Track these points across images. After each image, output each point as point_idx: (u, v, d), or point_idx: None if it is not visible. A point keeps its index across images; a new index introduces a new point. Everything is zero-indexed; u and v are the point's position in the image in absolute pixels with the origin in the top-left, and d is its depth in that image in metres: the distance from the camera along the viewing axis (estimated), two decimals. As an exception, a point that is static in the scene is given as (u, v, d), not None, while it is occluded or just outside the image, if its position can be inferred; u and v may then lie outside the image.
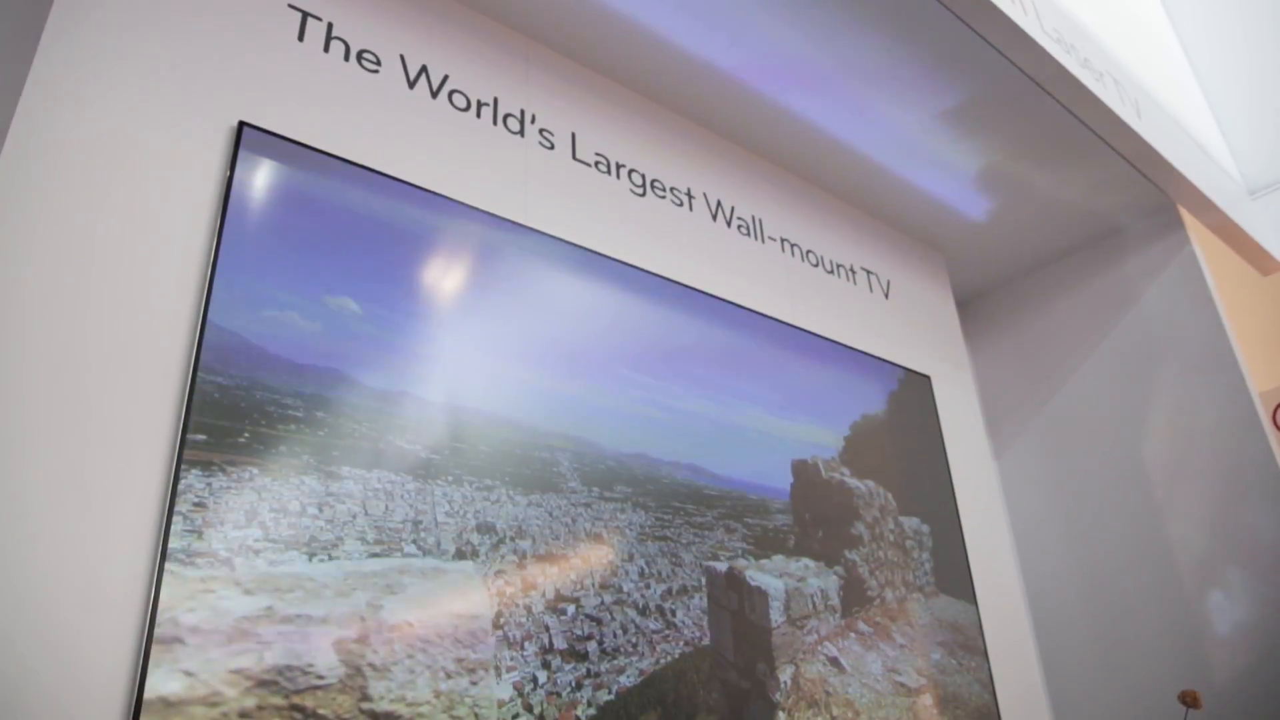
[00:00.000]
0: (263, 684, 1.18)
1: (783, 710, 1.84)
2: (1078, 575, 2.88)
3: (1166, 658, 2.62)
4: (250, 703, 1.16)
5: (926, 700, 2.18)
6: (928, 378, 2.77)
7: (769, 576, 1.96)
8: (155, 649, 1.12)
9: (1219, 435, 2.65)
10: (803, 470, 2.21)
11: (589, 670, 1.55)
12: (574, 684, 1.52)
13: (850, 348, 2.52)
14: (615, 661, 1.60)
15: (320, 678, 1.22)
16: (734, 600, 1.88)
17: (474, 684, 1.37)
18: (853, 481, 2.32)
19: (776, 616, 1.92)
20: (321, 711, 1.21)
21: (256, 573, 1.24)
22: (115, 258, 1.29)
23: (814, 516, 2.17)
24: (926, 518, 2.49)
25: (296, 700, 1.20)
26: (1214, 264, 2.94)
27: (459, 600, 1.43)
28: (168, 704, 1.11)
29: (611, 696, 1.56)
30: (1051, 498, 3.01)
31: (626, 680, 1.60)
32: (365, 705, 1.25)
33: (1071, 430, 3.01)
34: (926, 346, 2.88)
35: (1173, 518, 2.71)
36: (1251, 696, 2.44)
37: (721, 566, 1.89)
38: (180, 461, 1.24)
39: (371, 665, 1.28)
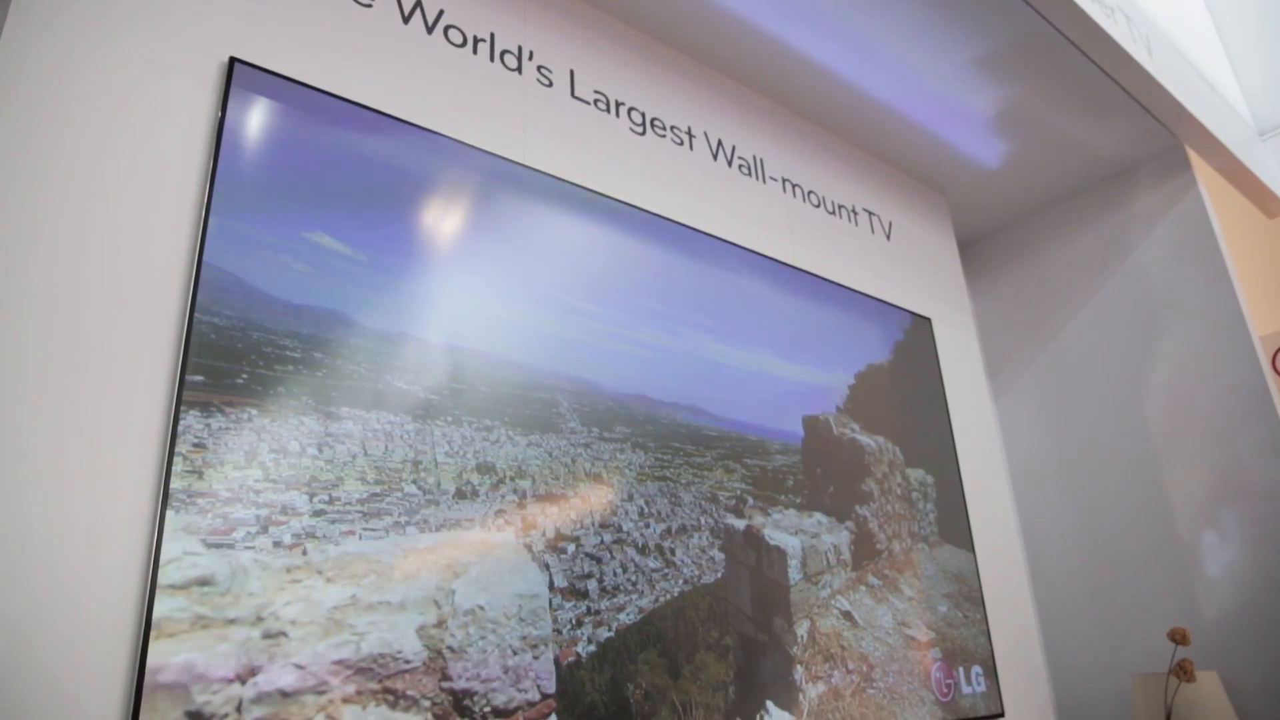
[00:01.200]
0: (360, 671, 1.26)
1: (800, 664, 1.89)
2: (1073, 517, 2.91)
3: (1158, 597, 2.66)
4: (351, 689, 1.24)
5: (936, 654, 2.22)
6: (928, 320, 2.76)
7: (786, 535, 1.99)
8: (265, 644, 1.19)
9: (1218, 379, 2.66)
10: (814, 426, 2.22)
11: (589, 608, 1.57)
12: (574, 621, 1.54)
13: (851, 289, 2.51)
14: (615, 599, 1.62)
15: (408, 661, 1.31)
16: (752, 557, 1.91)
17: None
18: (864, 439, 2.33)
19: (794, 575, 1.95)
20: (410, 692, 1.30)
21: (328, 556, 1.29)
22: (108, 196, 1.28)
23: (825, 472, 2.18)
24: (931, 468, 2.51)
25: (388, 684, 1.28)
26: (1220, 207, 2.91)
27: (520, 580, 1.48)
28: (284, 695, 1.19)
29: (611, 634, 1.59)
30: (1050, 441, 3.03)
31: (626, 618, 1.62)
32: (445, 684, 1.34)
33: (1071, 374, 3.01)
34: (927, 289, 2.86)
35: (1169, 460, 2.72)
36: (1237, 634, 2.48)
37: (740, 524, 1.92)
38: (179, 402, 1.24)
39: (450, 648, 1.36)
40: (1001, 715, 2.35)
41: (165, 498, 1.18)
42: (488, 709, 1.38)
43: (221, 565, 1.20)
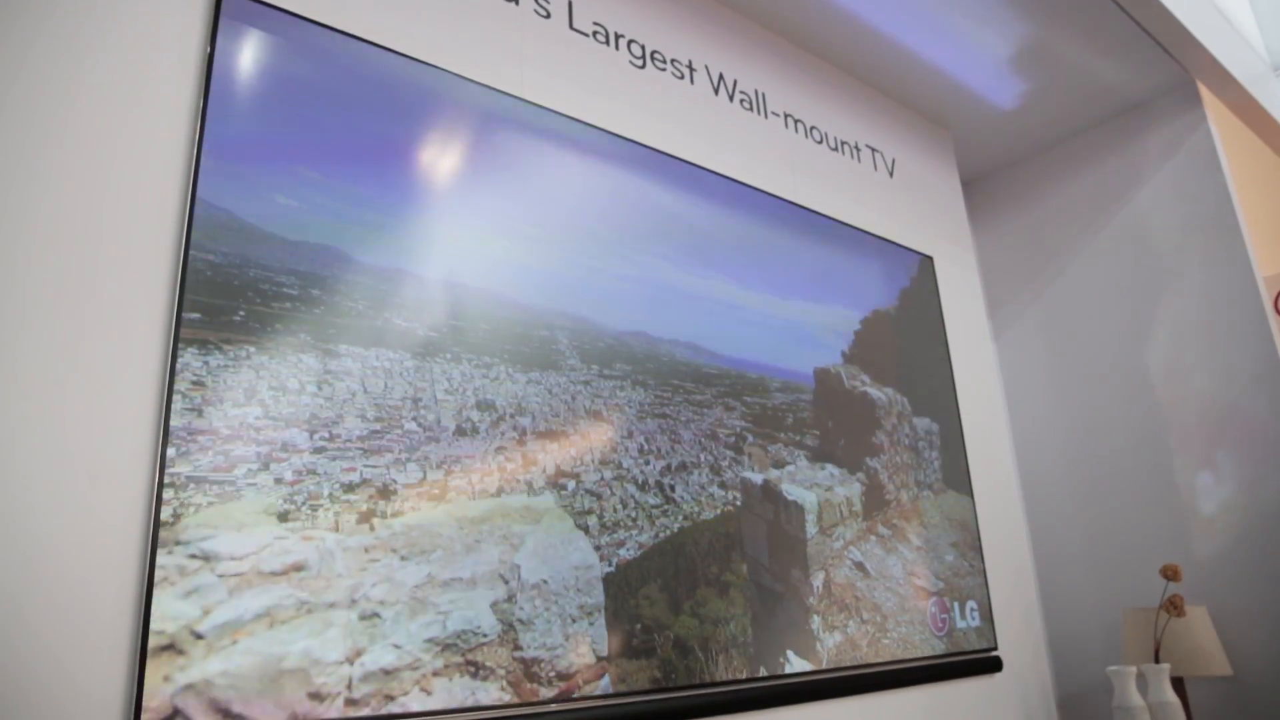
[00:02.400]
0: (447, 647, 1.35)
1: (816, 614, 1.93)
2: (1070, 456, 2.93)
3: (1151, 535, 2.69)
4: (440, 663, 1.32)
5: (945, 603, 2.25)
6: (930, 258, 2.74)
7: (802, 489, 2.01)
8: (363, 624, 1.27)
9: (1220, 320, 2.65)
10: (825, 378, 2.22)
11: (591, 544, 1.59)
12: (574, 556, 1.56)
13: (852, 226, 2.48)
14: (615, 535, 1.63)
15: (485, 635, 1.40)
16: (769, 511, 1.93)
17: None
18: (874, 392, 2.34)
19: (810, 529, 1.98)
20: (488, 664, 1.39)
21: (393, 531, 1.34)
22: (98, 132, 1.25)
23: (837, 424, 2.19)
24: (934, 413, 2.51)
25: (470, 656, 1.37)
26: (1229, 146, 2.87)
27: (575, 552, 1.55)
28: (386, 673, 1.27)
29: (611, 569, 1.61)
30: (1049, 380, 3.03)
31: (626, 553, 1.64)
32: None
33: (1072, 313, 3.00)
34: (930, 227, 2.84)
35: (1168, 400, 2.73)
36: (1227, 570, 2.52)
37: (757, 479, 1.93)
38: (177, 340, 1.23)
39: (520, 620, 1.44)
40: (994, 649, 2.40)
41: (165, 435, 1.18)
42: (553, 674, 1.45)
43: (309, 550, 1.25)
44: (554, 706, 1.45)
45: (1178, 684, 2.37)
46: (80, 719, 1.06)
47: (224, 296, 1.29)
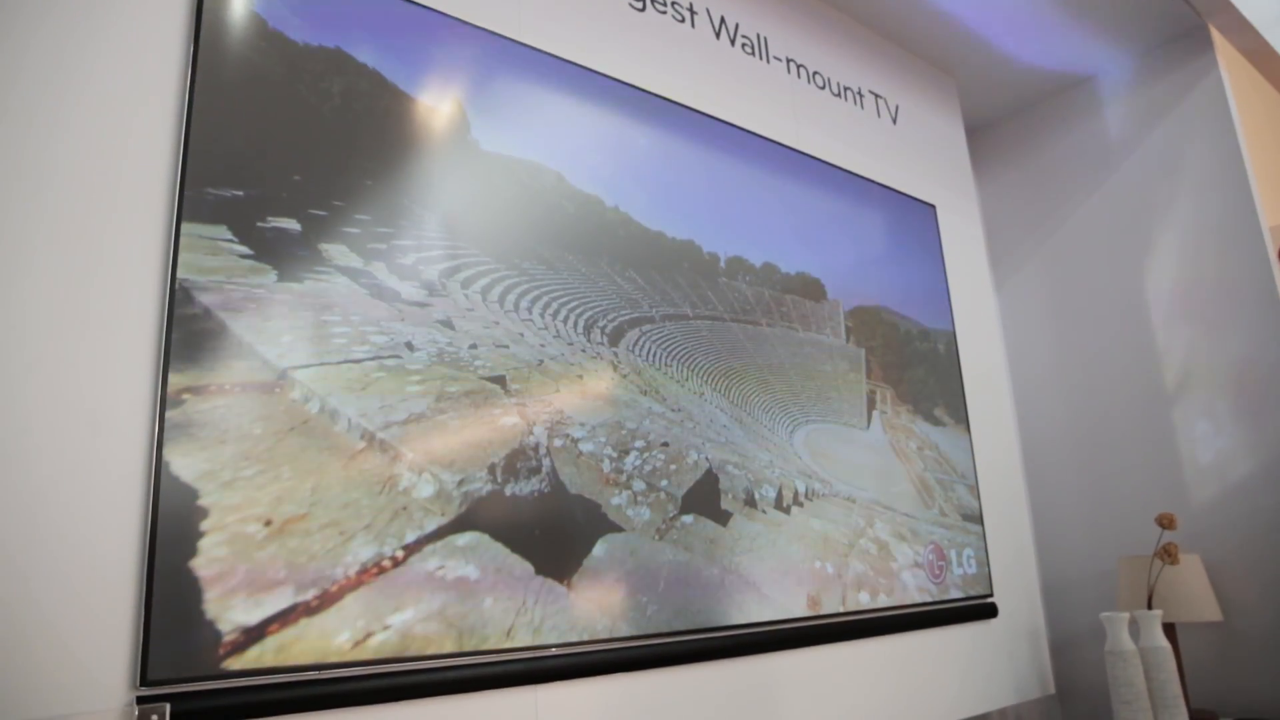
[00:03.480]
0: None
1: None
2: (1070, 405, 2.93)
3: (1148, 484, 2.70)
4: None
5: (942, 550, 2.27)
6: (933, 207, 2.72)
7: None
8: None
9: (1224, 270, 2.63)
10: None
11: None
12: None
13: (854, 174, 2.45)
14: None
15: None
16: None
17: (476, 503, 1.41)
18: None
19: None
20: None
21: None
22: (88, 66, 1.22)
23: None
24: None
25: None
26: (1240, 92, 2.82)
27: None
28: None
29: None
30: (1050, 329, 3.02)
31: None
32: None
33: (1075, 262, 2.98)
34: (933, 175, 2.80)
35: (1168, 350, 2.72)
36: (1222, 519, 2.54)
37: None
38: (174, 280, 1.22)
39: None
40: (990, 595, 2.43)
41: (165, 373, 1.18)
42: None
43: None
44: (554, 651, 1.47)
45: (1169, 629, 2.41)
46: (85, 667, 1.07)
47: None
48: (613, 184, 1.84)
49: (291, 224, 1.36)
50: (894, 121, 2.72)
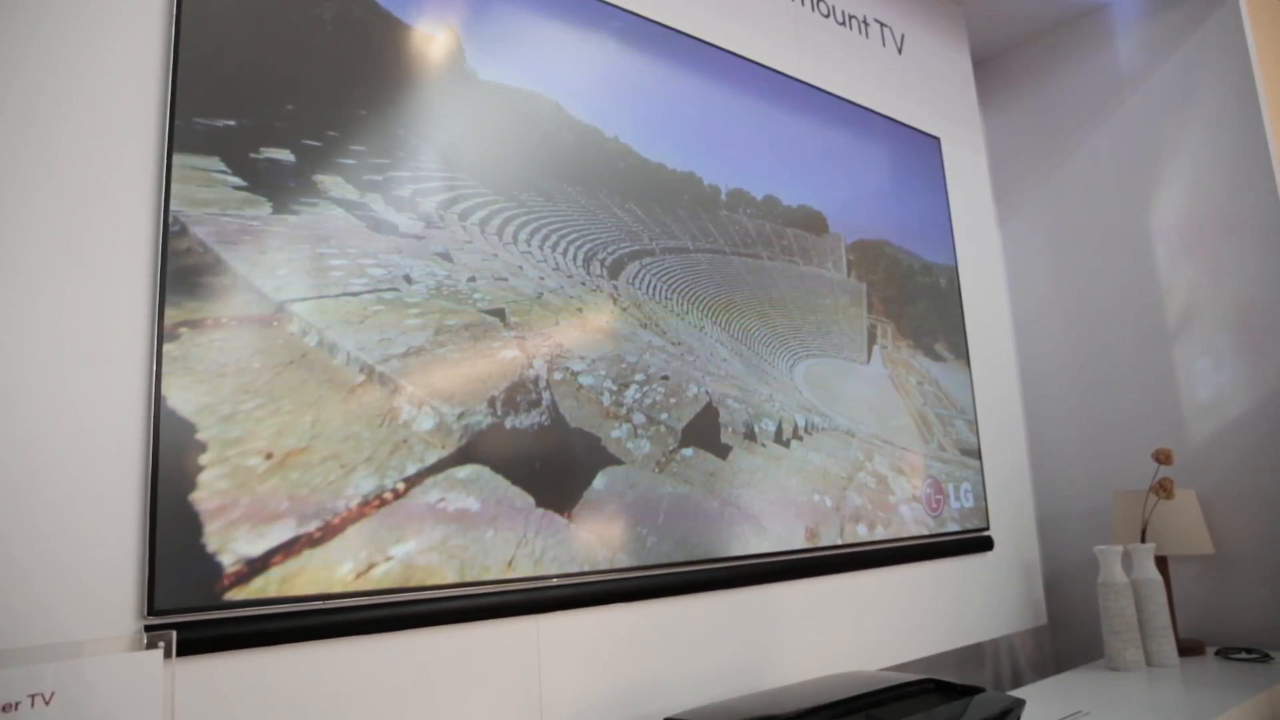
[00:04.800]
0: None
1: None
2: (1070, 341, 2.93)
3: (1146, 420, 2.71)
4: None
5: (939, 484, 2.28)
6: (937, 139, 2.67)
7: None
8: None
9: (1232, 208, 2.60)
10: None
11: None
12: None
13: (858, 105, 2.41)
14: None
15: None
16: None
17: (476, 437, 1.42)
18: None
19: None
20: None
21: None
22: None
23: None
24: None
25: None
26: (1257, 22, 2.75)
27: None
28: None
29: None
30: (1052, 264, 3.00)
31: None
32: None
33: (1080, 197, 2.94)
34: (939, 107, 2.75)
35: (1172, 286, 2.71)
36: (1218, 455, 2.55)
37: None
38: (167, 212, 1.20)
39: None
40: (986, 529, 2.45)
41: (161, 315, 1.17)
42: (491, 520, 1.44)
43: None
44: (555, 581, 1.49)
45: (1160, 562, 2.44)
46: (94, 598, 1.08)
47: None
48: (612, 114, 1.80)
49: (285, 155, 1.34)
50: (899, 51, 2.66)
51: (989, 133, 3.17)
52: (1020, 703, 1.47)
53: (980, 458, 2.50)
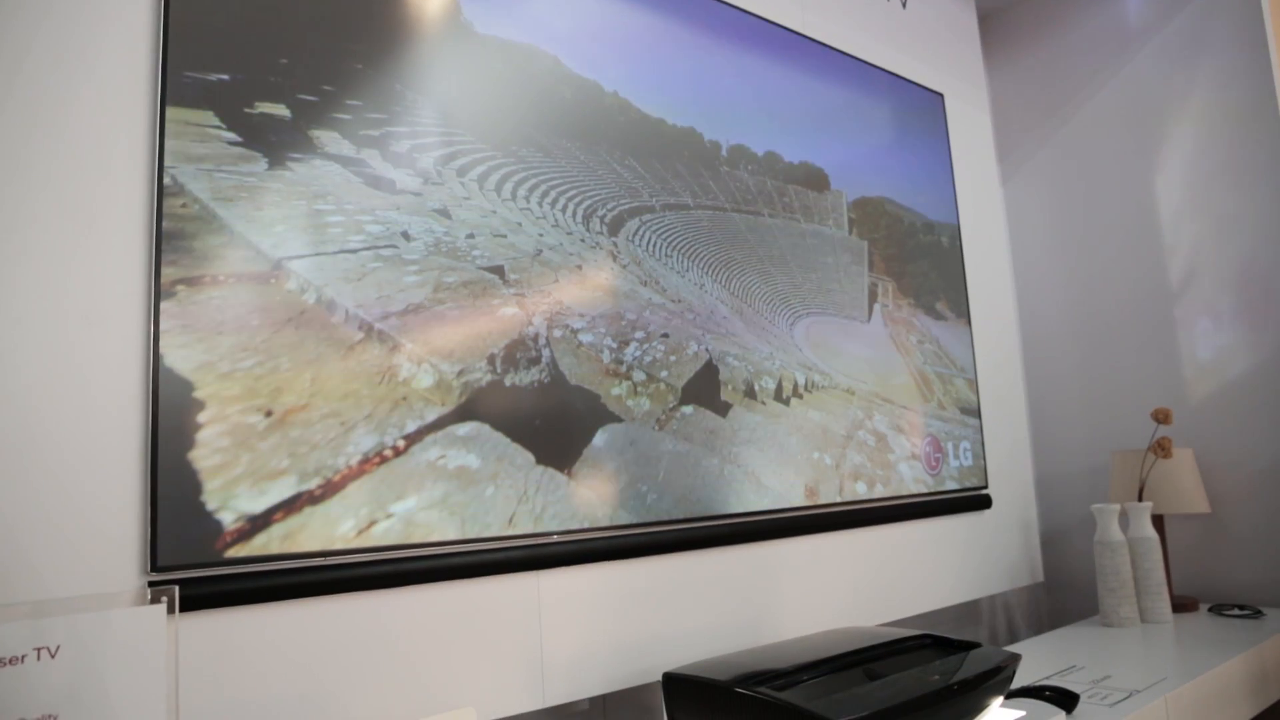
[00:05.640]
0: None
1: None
2: (1072, 300, 2.92)
3: (1146, 380, 2.71)
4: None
5: (938, 442, 2.28)
6: (941, 96, 2.64)
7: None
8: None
9: (1237, 164, 2.57)
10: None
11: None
12: (573, 396, 1.57)
13: (861, 60, 2.37)
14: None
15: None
16: None
17: (476, 395, 1.42)
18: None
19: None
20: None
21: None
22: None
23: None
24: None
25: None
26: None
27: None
28: None
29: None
30: (1055, 222, 2.98)
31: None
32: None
33: (1085, 154, 2.91)
34: (942, 63, 2.71)
35: (1175, 245, 2.69)
36: (1217, 415, 2.55)
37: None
38: (161, 168, 1.19)
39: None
40: (985, 487, 2.46)
41: (158, 272, 1.16)
42: (491, 477, 1.44)
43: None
44: (555, 538, 1.50)
45: (1157, 521, 2.46)
46: (97, 556, 1.08)
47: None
48: (611, 69, 1.78)
49: (280, 109, 1.32)
50: (904, 6, 2.61)
51: (993, 89, 3.13)
52: (1016, 657, 1.48)
53: (980, 416, 2.51)
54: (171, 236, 1.18)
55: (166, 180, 1.19)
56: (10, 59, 1.11)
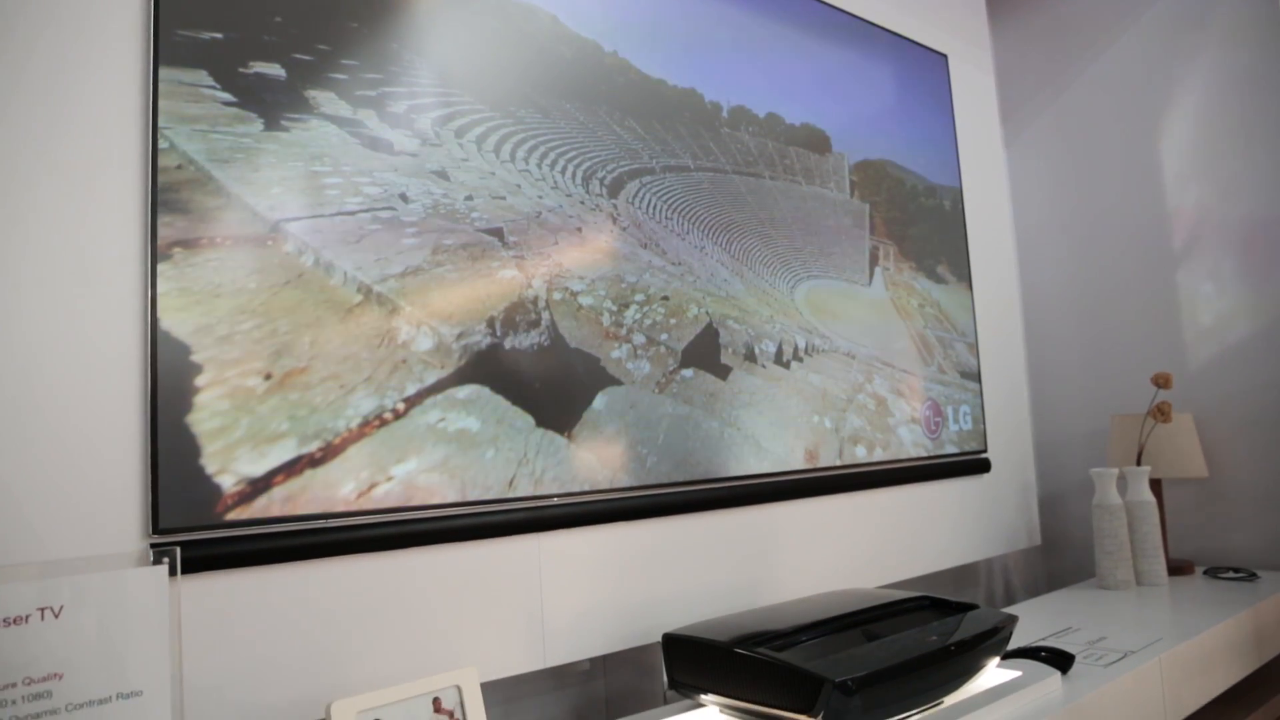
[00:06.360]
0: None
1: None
2: (1074, 265, 2.90)
3: (1147, 345, 2.70)
4: None
5: (938, 406, 2.28)
6: (944, 57, 2.61)
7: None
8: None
9: (1244, 127, 2.54)
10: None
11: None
12: (573, 359, 1.56)
13: (864, 20, 2.34)
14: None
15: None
16: None
17: (476, 358, 1.41)
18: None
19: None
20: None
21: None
22: None
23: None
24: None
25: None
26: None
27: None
28: None
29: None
30: (1058, 185, 2.95)
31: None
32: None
33: (1090, 116, 2.88)
34: (946, 23, 2.68)
35: (1179, 209, 2.67)
36: (1217, 380, 2.55)
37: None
38: (155, 129, 1.17)
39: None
40: (984, 451, 2.47)
41: (154, 229, 1.15)
42: (491, 440, 1.44)
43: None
44: (555, 500, 1.50)
45: (1155, 485, 2.47)
46: (99, 520, 1.09)
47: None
48: (611, 29, 1.75)
49: (275, 69, 1.30)
50: (908, -37, 2.57)
51: (997, 50, 3.09)
52: (1013, 619, 1.50)
53: (980, 380, 2.50)
54: (167, 198, 1.17)
55: (161, 143, 1.18)
56: (0, 20, 1.09)
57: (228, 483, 1.17)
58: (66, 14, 1.14)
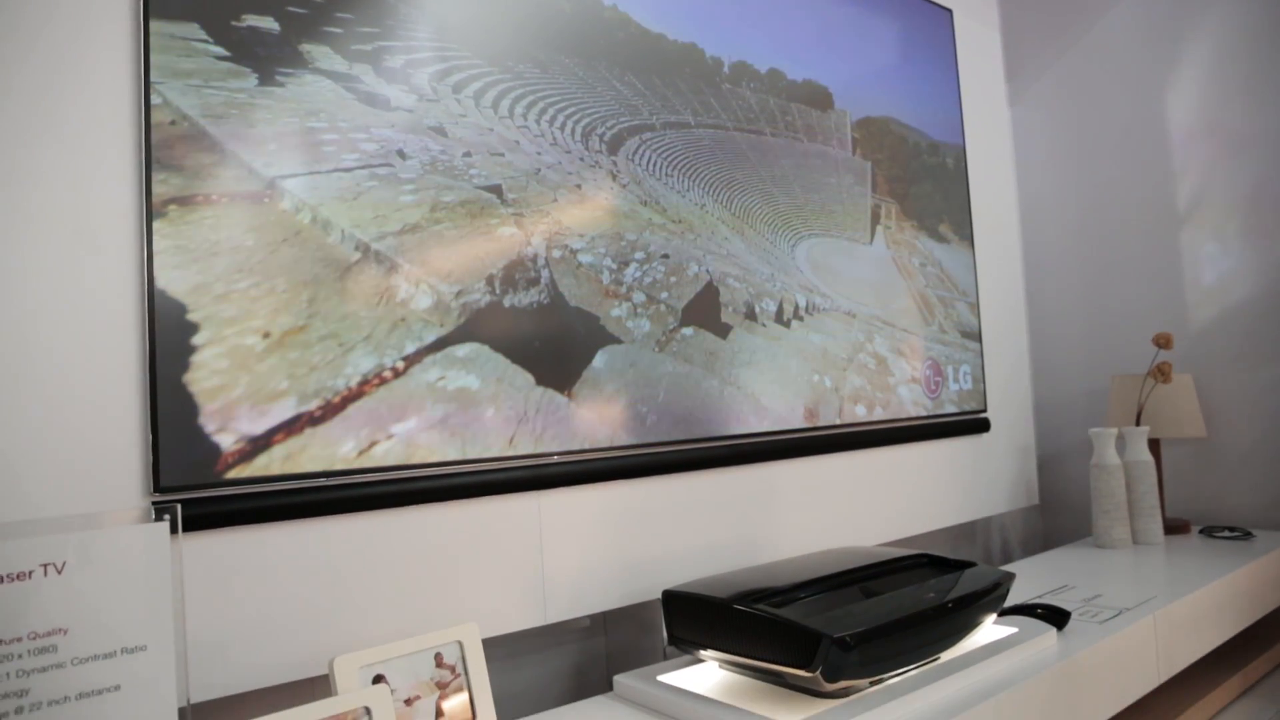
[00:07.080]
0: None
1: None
2: (1077, 224, 2.88)
3: (1149, 305, 2.69)
4: None
5: (938, 365, 2.28)
6: (949, 12, 2.57)
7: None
8: None
9: (1251, 86, 2.50)
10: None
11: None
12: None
13: (869, -25, 2.30)
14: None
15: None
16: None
17: (475, 316, 1.41)
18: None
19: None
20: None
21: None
22: None
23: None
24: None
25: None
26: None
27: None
28: None
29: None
30: (1062, 144, 2.92)
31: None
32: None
33: (1096, 74, 2.84)
34: (952, -24, 2.63)
35: (1185, 168, 2.64)
36: (1218, 341, 2.54)
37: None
38: (148, 83, 1.16)
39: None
40: (984, 411, 2.47)
41: (149, 192, 1.14)
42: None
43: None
44: (556, 458, 1.50)
45: (1153, 444, 2.47)
46: (100, 479, 1.09)
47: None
48: (611, -19, 1.72)
49: (269, 23, 1.28)
50: (913, -86, 2.52)
51: (1003, 5, 3.04)
52: (1010, 576, 1.51)
53: (980, 340, 2.50)
54: (161, 155, 1.16)
55: (154, 98, 1.16)
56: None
57: (227, 441, 1.17)
58: (70, 30, 1.12)
